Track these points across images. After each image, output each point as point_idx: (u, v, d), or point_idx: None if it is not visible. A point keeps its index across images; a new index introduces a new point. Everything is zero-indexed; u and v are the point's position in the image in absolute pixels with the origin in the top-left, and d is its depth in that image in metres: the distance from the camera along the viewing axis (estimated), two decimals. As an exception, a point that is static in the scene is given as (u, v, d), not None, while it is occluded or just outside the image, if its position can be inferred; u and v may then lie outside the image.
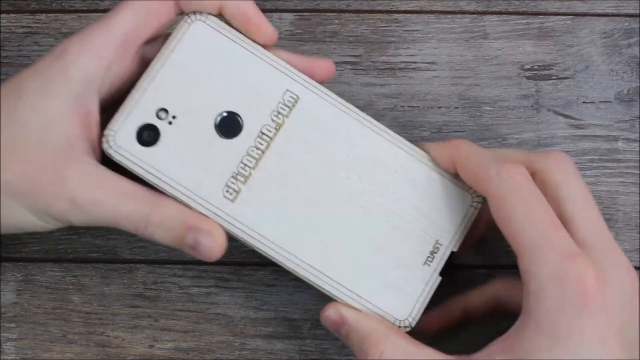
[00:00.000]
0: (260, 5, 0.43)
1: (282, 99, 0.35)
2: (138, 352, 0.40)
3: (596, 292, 0.31)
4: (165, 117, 0.34)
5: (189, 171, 0.34)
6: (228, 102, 0.34)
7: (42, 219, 0.34)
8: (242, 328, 0.40)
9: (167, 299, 0.40)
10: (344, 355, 0.40)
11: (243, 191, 0.34)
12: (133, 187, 0.34)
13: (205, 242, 0.33)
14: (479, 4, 0.43)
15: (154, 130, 0.34)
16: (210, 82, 0.34)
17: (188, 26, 0.34)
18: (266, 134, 0.34)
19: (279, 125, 0.35)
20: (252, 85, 0.35)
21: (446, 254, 0.36)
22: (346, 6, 0.43)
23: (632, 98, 0.42)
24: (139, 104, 0.34)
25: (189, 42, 0.34)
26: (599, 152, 0.42)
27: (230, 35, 0.35)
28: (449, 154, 0.35)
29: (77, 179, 0.33)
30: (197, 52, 0.34)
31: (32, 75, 0.34)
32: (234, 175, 0.34)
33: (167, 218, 0.33)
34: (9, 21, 0.42)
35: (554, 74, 0.42)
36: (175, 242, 0.34)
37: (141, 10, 0.34)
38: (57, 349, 0.40)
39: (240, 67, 0.35)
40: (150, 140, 0.34)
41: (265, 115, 0.35)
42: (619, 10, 0.43)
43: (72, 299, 0.40)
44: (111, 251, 0.40)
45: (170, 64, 0.34)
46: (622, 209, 0.41)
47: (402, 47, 0.43)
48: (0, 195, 0.33)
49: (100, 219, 0.34)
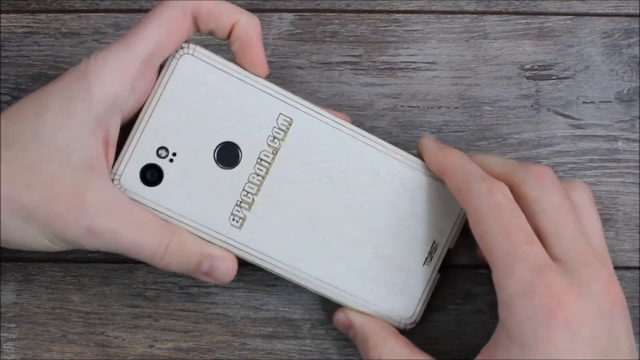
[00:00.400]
0: (260, 5, 0.43)
1: (277, 123, 0.36)
2: (138, 352, 0.40)
3: (565, 303, 0.31)
4: (165, 155, 0.35)
5: (196, 204, 0.35)
6: (225, 133, 0.35)
7: (54, 242, 0.34)
8: (242, 328, 0.40)
9: (167, 299, 0.40)
10: (344, 356, 0.40)
11: (248, 217, 0.35)
12: (149, 217, 0.34)
13: (221, 267, 0.35)
14: (479, 4, 0.43)
15: (157, 169, 0.35)
16: (205, 115, 0.35)
17: (177, 61, 0.35)
18: (264, 160, 0.35)
19: (276, 150, 0.35)
20: (246, 113, 0.35)
21: (443, 252, 0.37)
22: (346, 6, 0.43)
23: (632, 98, 0.42)
24: (138, 145, 0.35)
25: (179, 77, 0.35)
26: (599, 152, 0.42)
27: (219, 65, 0.35)
28: (439, 162, 0.36)
29: (95, 206, 0.33)
30: (188, 86, 0.35)
31: (55, 92, 0.33)
32: (238, 204, 0.35)
33: (184, 247, 0.35)
34: (9, 21, 0.42)
35: (554, 74, 0.42)
36: (190, 270, 0.35)
37: (163, 28, 0.34)
38: (57, 349, 0.40)
39: (232, 96, 0.35)
40: (154, 180, 0.35)
41: (262, 141, 0.35)
42: (619, 10, 0.43)
43: (72, 299, 0.40)
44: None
45: (164, 101, 0.35)
46: (622, 209, 0.41)
47: (402, 47, 0.43)
48: (16, 218, 0.33)
49: (116, 247, 0.34)
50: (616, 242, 0.41)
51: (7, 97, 0.42)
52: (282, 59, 0.42)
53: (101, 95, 0.33)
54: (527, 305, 0.31)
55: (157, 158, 0.35)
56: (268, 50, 0.43)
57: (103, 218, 0.33)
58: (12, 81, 0.42)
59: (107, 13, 0.43)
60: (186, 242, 0.35)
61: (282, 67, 0.42)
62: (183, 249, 0.35)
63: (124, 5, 0.43)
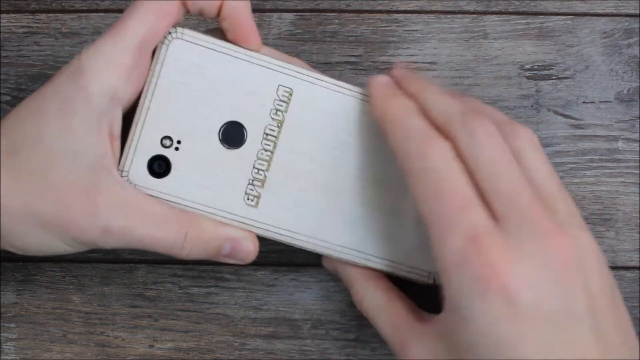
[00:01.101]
0: (260, 6, 0.43)
1: (277, 95, 0.35)
2: (138, 352, 0.40)
3: (500, 271, 0.29)
4: (170, 144, 0.34)
5: (208, 190, 0.35)
6: (226, 113, 0.35)
7: (72, 245, 0.34)
8: (242, 328, 0.40)
9: (167, 299, 0.40)
10: (344, 356, 0.40)
11: (263, 195, 0.35)
12: (164, 209, 0.34)
13: (243, 248, 0.35)
14: (479, 4, 0.43)
15: (164, 160, 0.34)
16: (203, 98, 0.35)
17: (166, 47, 0.34)
18: (271, 134, 0.35)
19: (280, 123, 0.35)
20: (245, 90, 0.35)
21: None
22: (346, 6, 0.43)
23: (632, 98, 0.42)
24: (141, 138, 0.34)
25: (171, 63, 0.34)
26: (599, 152, 0.42)
27: (211, 45, 0.35)
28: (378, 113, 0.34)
29: (108, 206, 0.33)
30: (182, 71, 0.34)
31: (51, 94, 0.33)
32: (251, 182, 0.35)
33: (202, 235, 0.34)
34: (9, 21, 0.42)
35: (554, 74, 0.42)
36: (211, 255, 0.35)
37: (151, 13, 0.33)
38: (57, 349, 0.40)
39: (228, 74, 0.35)
40: (162, 171, 0.34)
41: (265, 116, 0.35)
42: (619, 10, 0.43)
43: (72, 299, 0.40)
44: (111, 251, 0.40)
45: (160, 90, 0.34)
46: (622, 209, 0.41)
47: (402, 47, 0.43)
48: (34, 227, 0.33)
49: (134, 243, 0.34)
50: (616, 242, 0.41)
51: (7, 97, 0.42)
52: (282, 59, 0.42)
53: (98, 91, 0.32)
54: (461, 278, 0.29)
55: (162, 149, 0.34)
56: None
57: (117, 217, 0.33)
58: (12, 81, 0.42)
59: (107, 13, 0.43)
60: (204, 229, 0.34)
61: (282, 67, 0.42)
62: (201, 236, 0.34)
63: (124, 5, 0.43)
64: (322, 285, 0.40)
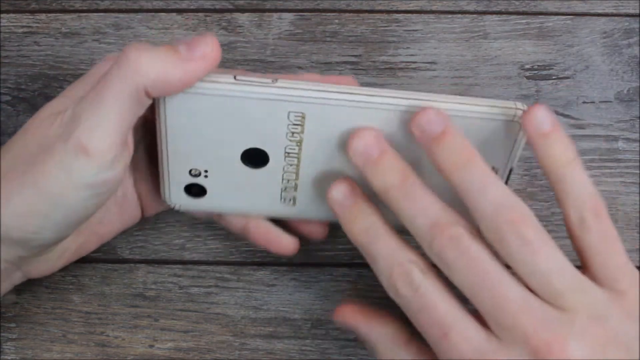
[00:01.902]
0: (260, 5, 0.43)
1: (289, 120, 0.35)
2: (138, 352, 0.40)
3: None
4: (198, 173, 0.36)
5: (246, 201, 0.37)
6: (244, 142, 0.35)
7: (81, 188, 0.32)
8: (242, 328, 0.40)
9: (167, 298, 0.40)
10: (344, 356, 0.40)
11: (298, 196, 0.37)
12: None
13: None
14: (479, 4, 0.43)
15: (197, 186, 0.36)
16: (217, 133, 0.35)
17: (164, 104, 0.33)
18: (292, 153, 0.35)
19: (299, 142, 0.35)
20: (255, 121, 0.34)
21: (506, 172, 0.35)
22: (346, 6, 0.43)
23: (632, 98, 0.42)
24: (170, 173, 0.36)
25: (174, 115, 0.34)
26: (599, 152, 0.42)
27: (208, 90, 0.33)
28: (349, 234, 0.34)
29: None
30: (188, 118, 0.34)
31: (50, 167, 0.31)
32: (284, 189, 0.36)
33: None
34: (9, 21, 0.42)
35: (554, 74, 0.42)
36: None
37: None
38: (57, 348, 0.40)
39: (235, 111, 0.34)
40: (200, 192, 0.36)
41: (282, 138, 0.35)
42: (619, 10, 0.43)
43: (72, 298, 0.40)
44: (111, 251, 0.40)
45: (172, 136, 0.35)
46: (622, 209, 0.41)
47: (402, 47, 0.43)
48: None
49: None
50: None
51: (7, 97, 0.42)
52: (282, 58, 0.42)
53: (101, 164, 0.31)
54: None
55: (192, 178, 0.36)
56: (268, 50, 0.43)
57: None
58: (12, 81, 0.42)
59: (107, 13, 0.43)
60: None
61: (283, 67, 0.42)
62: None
63: (124, 5, 0.43)
64: (322, 285, 0.40)
